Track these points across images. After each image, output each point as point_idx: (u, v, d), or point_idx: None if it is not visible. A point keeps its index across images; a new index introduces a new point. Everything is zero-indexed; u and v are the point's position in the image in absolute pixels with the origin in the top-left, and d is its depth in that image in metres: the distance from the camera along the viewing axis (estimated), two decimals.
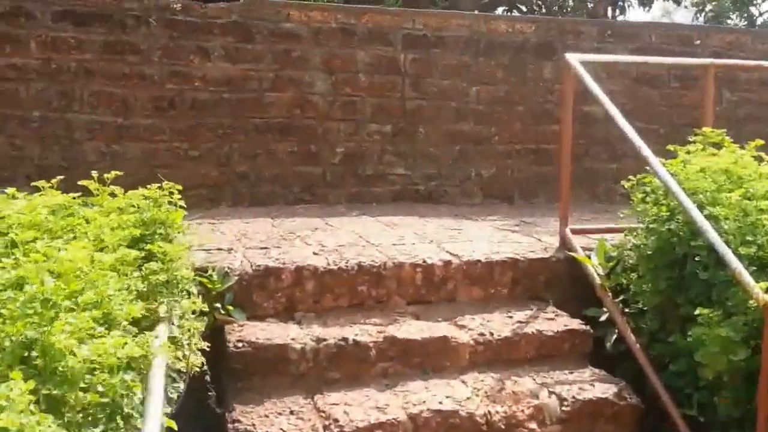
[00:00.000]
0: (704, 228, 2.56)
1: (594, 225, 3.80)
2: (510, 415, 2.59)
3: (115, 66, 4.64)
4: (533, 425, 2.61)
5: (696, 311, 2.58)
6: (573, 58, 3.44)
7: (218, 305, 2.90)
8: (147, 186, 2.72)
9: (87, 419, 1.62)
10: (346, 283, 3.09)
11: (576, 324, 3.07)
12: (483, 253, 3.34)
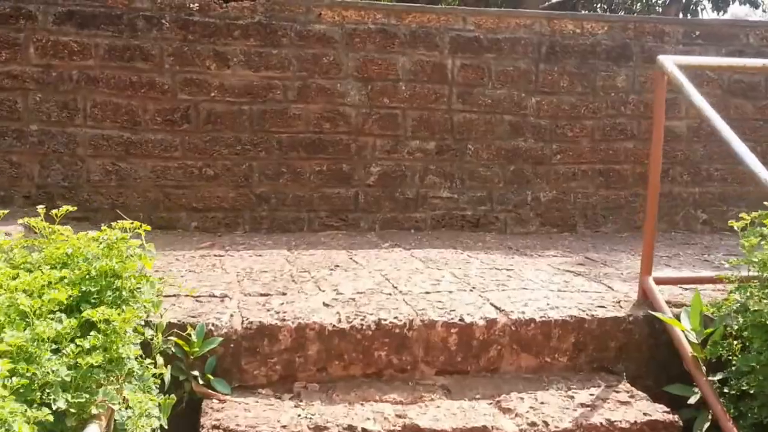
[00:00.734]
0: None
1: (685, 273, 3.03)
2: None
3: (123, 74, 4.14)
4: None
5: None
6: (668, 60, 2.71)
7: (197, 373, 2.32)
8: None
9: None
10: (361, 347, 2.44)
11: (660, 413, 2.31)
12: (538, 308, 2.63)
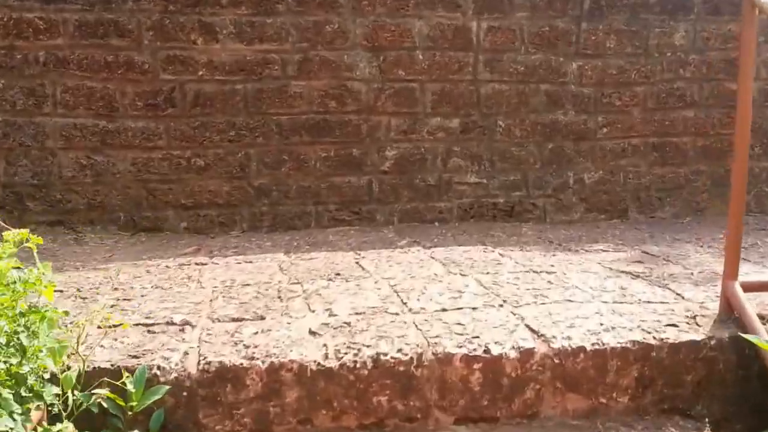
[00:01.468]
0: None
1: None
2: None
3: (96, 53, 3.61)
4: None
5: None
6: None
7: None
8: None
9: None
10: (354, 391, 1.87)
11: None
12: (588, 330, 2.02)
